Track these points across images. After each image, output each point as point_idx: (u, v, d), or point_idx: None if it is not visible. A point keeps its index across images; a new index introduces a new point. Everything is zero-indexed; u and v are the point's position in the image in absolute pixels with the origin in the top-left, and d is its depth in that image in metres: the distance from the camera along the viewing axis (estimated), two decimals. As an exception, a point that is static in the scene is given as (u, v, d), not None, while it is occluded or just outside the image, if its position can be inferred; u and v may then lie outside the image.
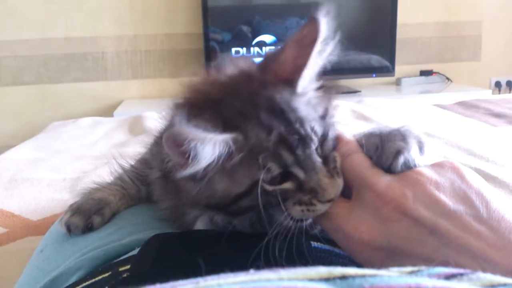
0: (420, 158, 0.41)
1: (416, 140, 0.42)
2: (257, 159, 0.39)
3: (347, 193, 0.42)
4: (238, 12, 2.72)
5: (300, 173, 0.40)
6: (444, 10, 2.99)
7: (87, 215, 0.58)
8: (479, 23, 3.04)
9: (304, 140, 0.40)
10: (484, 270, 0.24)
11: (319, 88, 0.45)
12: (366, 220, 0.37)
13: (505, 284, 0.22)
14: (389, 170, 0.40)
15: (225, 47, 2.66)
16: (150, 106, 2.47)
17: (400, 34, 2.75)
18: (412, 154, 0.40)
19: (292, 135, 0.40)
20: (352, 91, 2.63)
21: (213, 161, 0.39)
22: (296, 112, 0.41)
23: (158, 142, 0.65)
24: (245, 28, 2.68)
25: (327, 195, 0.40)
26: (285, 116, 0.40)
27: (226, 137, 0.38)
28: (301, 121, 0.40)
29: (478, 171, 0.95)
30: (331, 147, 0.43)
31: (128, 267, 0.43)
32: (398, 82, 2.92)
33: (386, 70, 2.75)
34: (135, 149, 1.28)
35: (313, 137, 0.41)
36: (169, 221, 0.53)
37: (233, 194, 0.41)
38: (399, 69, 2.83)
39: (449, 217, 0.34)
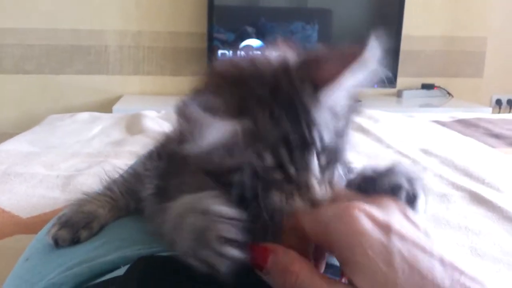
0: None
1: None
2: (257, 145, 0.40)
3: None
4: (243, 13, 2.72)
5: (292, 170, 0.41)
6: (450, 24, 2.99)
7: (75, 229, 0.58)
8: (484, 39, 3.04)
9: (306, 144, 0.40)
10: None
11: (348, 108, 0.45)
12: None
13: None
14: None
15: (229, 47, 2.65)
16: (149, 103, 2.47)
17: (404, 46, 2.75)
18: None
19: (295, 136, 0.40)
20: (353, 100, 2.62)
21: (217, 141, 0.39)
22: (309, 116, 0.41)
23: (153, 157, 0.64)
24: (249, 29, 2.68)
25: (311, 193, 0.40)
26: (297, 115, 0.41)
27: (234, 123, 0.39)
28: (310, 125, 0.41)
29: (473, 194, 0.95)
30: (336, 163, 0.43)
31: None
32: (399, 94, 2.92)
33: (388, 81, 2.74)
34: (131, 148, 1.28)
35: (318, 144, 0.41)
36: (159, 237, 0.53)
37: (226, 166, 0.41)
38: (401, 81, 2.83)
39: None
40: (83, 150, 1.33)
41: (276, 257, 0.36)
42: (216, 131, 0.38)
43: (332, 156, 0.43)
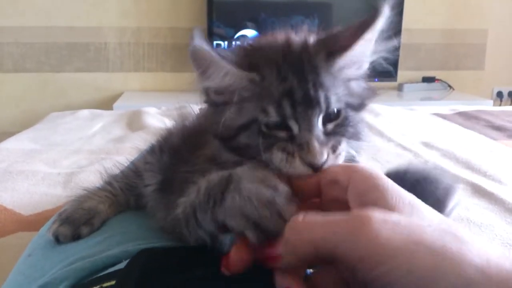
0: None
1: None
2: (263, 101, 0.42)
3: None
4: (243, 8, 2.71)
5: (295, 128, 0.41)
6: (450, 17, 2.97)
7: (76, 225, 0.59)
8: (484, 31, 3.03)
9: (310, 101, 0.41)
10: None
11: (364, 89, 0.47)
12: None
13: None
14: None
15: (229, 43, 2.65)
16: (150, 99, 2.47)
17: (404, 39, 2.74)
18: None
19: (300, 92, 0.41)
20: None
21: (225, 87, 0.43)
22: (318, 77, 0.42)
23: (155, 151, 0.64)
24: (250, 25, 2.67)
25: (310, 156, 0.40)
26: (304, 74, 0.42)
27: (241, 72, 0.42)
28: (317, 85, 0.42)
29: (475, 186, 0.95)
30: (343, 135, 0.43)
31: (113, 283, 0.42)
32: (400, 88, 2.91)
33: (389, 75, 2.74)
34: (132, 145, 1.28)
35: (322, 104, 0.41)
36: (161, 231, 0.53)
37: (236, 126, 0.43)
38: (402, 74, 2.82)
39: None
40: (84, 147, 1.34)
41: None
42: (224, 73, 0.42)
43: (341, 127, 0.43)
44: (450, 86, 2.96)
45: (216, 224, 0.38)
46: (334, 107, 0.43)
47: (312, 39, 0.46)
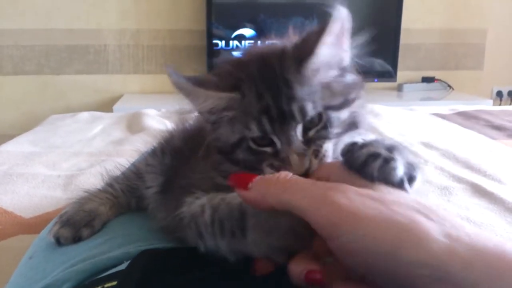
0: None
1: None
2: (246, 118, 0.45)
3: None
4: (242, 10, 2.71)
5: (278, 142, 0.44)
6: (449, 16, 2.98)
7: (76, 227, 0.59)
8: (484, 31, 3.03)
9: (285, 116, 0.43)
10: None
11: (345, 86, 0.48)
12: None
13: None
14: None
15: (227, 44, 2.65)
16: (150, 101, 2.47)
17: (403, 39, 2.74)
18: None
19: (274, 108, 0.44)
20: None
21: (210, 109, 0.46)
22: (290, 90, 0.44)
23: (156, 153, 0.65)
24: (249, 26, 2.67)
25: (292, 170, 0.42)
26: (278, 89, 0.44)
27: (222, 94, 0.45)
28: (290, 98, 0.44)
29: (474, 186, 0.95)
30: (327, 135, 0.45)
31: (114, 283, 0.43)
32: (399, 88, 2.92)
33: (388, 75, 2.75)
34: (132, 147, 1.28)
35: (297, 116, 0.44)
36: (162, 232, 0.53)
37: (230, 143, 0.47)
38: (401, 74, 2.82)
39: None
40: (84, 149, 1.34)
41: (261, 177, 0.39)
42: (203, 99, 0.46)
43: (322, 131, 0.45)
44: (449, 86, 2.96)
45: (234, 250, 0.40)
46: (311, 114, 0.44)
47: (289, 47, 0.48)
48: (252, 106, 0.44)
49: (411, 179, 0.39)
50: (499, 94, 3.15)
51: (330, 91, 0.46)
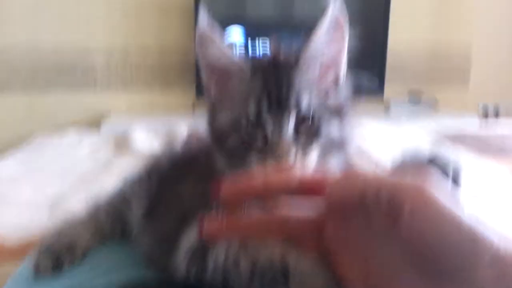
0: None
1: None
2: (246, 95, 0.47)
3: None
4: (230, 26, 2.73)
5: (269, 127, 0.45)
6: (436, 32, 3.03)
7: (56, 256, 0.56)
8: (468, 44, 3.08)
9: (281, 105, 0.45)
10: None
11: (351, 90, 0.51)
12: None
13: None
14: None
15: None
16: (138, 120, 2.46)
17: (390, 59, 2.78)
18: None
19: (275, 95, 0.46)
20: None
21: (219, 70, 0.50)
22: (289, 79, 0.47)
23: (142, 178, 0.64)
24: (239, 41, 2.69)
25: (278, 152, 0.44)
26: (281, 80, 0.47)
27: (238, 60, 0.49)
28: (289, 87, 0.46)
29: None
30: (317, 138, 0.46)
31: None
32: (386, 105, 2.94)
33: (375, 91, 2.77)
34: (119, 168, 1.27)
35: (292, 103, 0.45)
36: (147, 262, 0.52)
37: (225, 126, 0.48)
38: (388, 92, 2.85)
39: None
40: (71, 171, 1.32)
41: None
42: (220, 54, 0.51)
43: (314, 129, 0.46)
44: (436, 103, 2.99)
45: None
46: (305, 105, 0.46)
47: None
48: (257, 86, 0.47)
49: None
50: (485, 108, 3.19)
51: (325, 93, 0.48)
